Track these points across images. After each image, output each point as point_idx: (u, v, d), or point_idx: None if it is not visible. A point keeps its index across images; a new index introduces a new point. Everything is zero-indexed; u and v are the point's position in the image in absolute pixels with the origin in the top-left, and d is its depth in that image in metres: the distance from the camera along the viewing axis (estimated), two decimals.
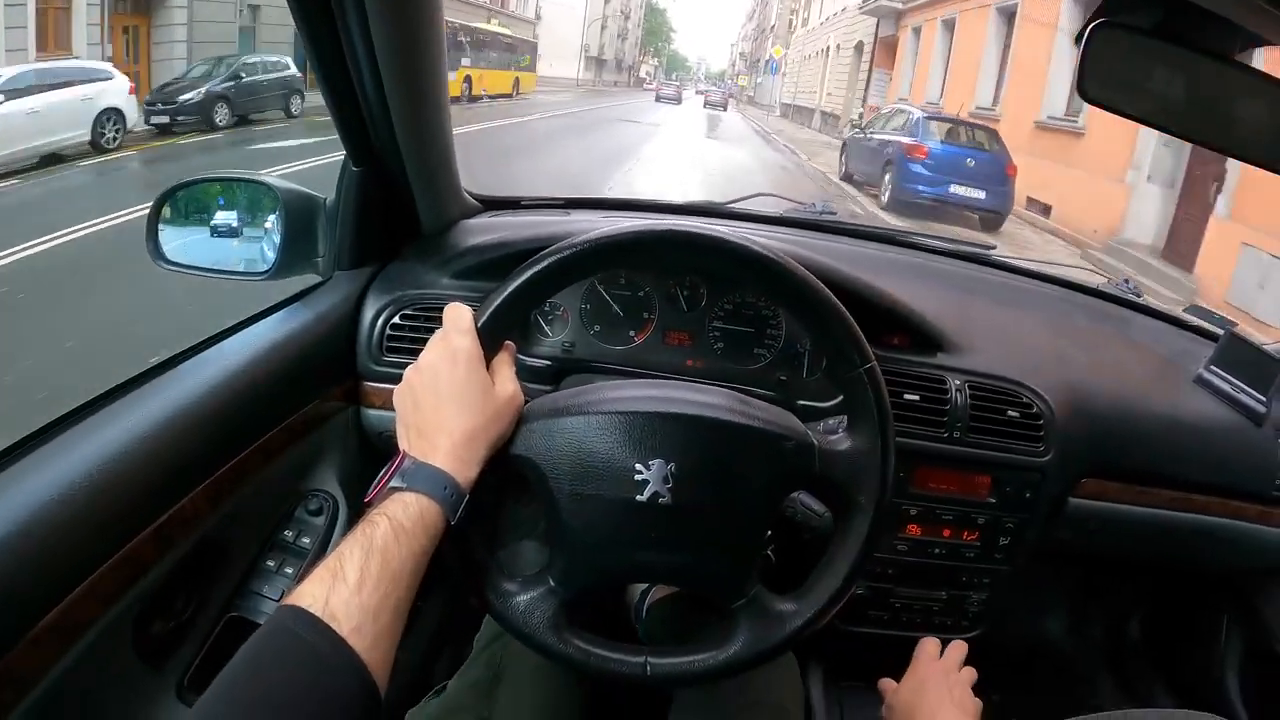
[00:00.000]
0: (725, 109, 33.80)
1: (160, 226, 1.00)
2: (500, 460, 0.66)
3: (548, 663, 0.71)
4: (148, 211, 0.99)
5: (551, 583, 0.68)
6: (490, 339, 0.67)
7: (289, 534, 0.92)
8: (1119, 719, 0.74)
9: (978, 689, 0.83)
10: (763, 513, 0.69)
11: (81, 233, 5.50)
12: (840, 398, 0.86)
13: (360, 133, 0.94)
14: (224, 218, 1.03)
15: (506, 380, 0.67)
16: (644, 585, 1.07)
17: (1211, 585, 1.32)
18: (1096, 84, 0.71)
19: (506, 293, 0.67)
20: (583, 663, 0.68)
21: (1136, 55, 0.73)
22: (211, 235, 1.03)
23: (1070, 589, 1.51)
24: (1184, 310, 1.32)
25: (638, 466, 0.65)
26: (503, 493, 1.27)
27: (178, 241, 1.02)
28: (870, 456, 0.69)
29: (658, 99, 36.21)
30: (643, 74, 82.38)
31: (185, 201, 1.03)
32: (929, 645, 0.88)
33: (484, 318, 0.67)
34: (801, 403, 1.00)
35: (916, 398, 0.98)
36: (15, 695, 0.59)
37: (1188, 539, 1.13)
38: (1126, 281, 1.31)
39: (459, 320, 0.66)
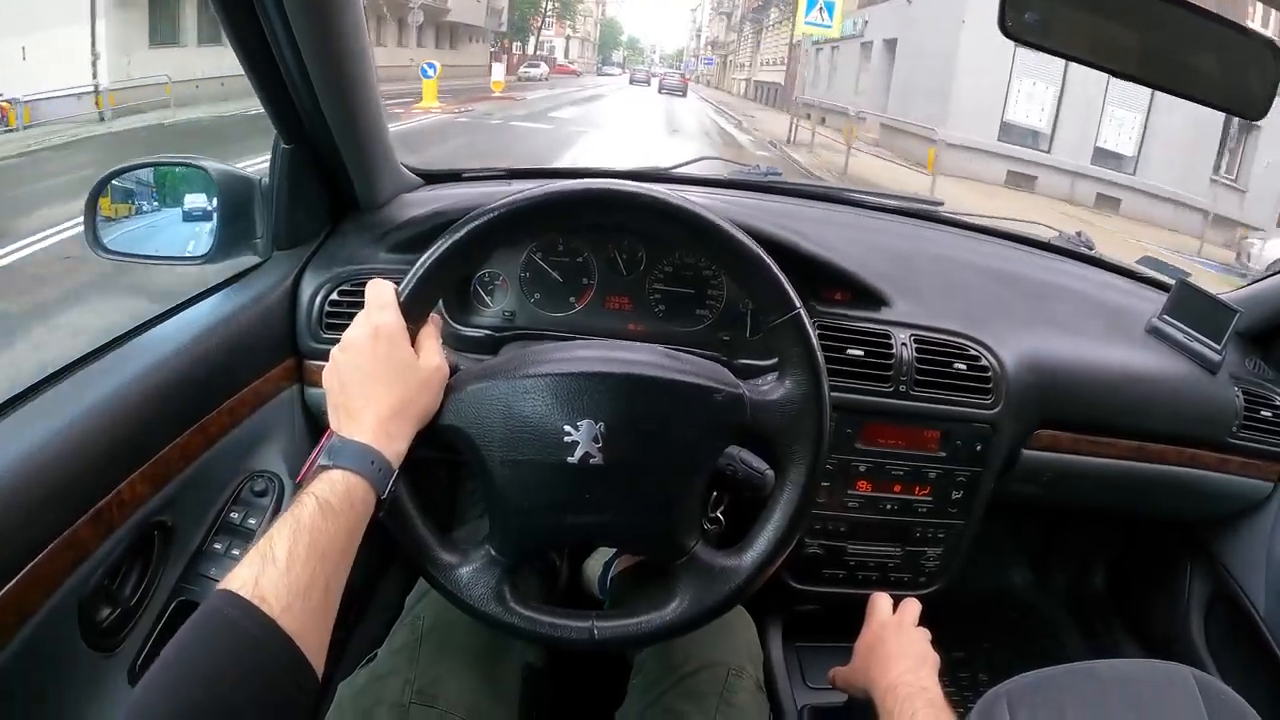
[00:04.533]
0: (684, 94, 34.18)
1: (98, 214, 0.97)
2: (431, 432, 0.66)
3: (469, 622, 0.71)
4: (84, 201, 0.97)
5: (492, 552, 0.68)
6: (413, 312, 0.66)
7: (235, 515, 0.91)
8: (1087, 669, 0.74)
9: (941, 645, 0.83)
10: (696, 468, 0.69)
11: None
12: None
13: (288, 109, 0.92)
14: (161, 203, 1.01)
15: (432, 353, 0.66)
16: (607, 558, 1.07)
17: (1173, 533, 1.33)
18: (1019, 19, 0.69)
19: (426, 265, 0.67)
20: (530, 631, 0.67)
21: None
22: (149, 221, 1.00)
23: (1031, 541, 1.52)
24: (1136, 261, 1.33)
25: (566, 428, 0.64)
26: (457, 468, 1.27)
27: (117, 229, 0.99)
28: (802, 404, 0.68)
29: (631, 81, 45.78)
30: (542, 51, 52.84)
31: (122, 188, 1.00)
32: (880, 601, 0.88)
33: (405, 292, 0.66)
34: (743, 361, 0.99)
35: (861, 353, 0.97)
36: None
37: (1146, 488, 1.13)
38: (1078, 234, 1.31)
39: (380, 296, 0.66)
